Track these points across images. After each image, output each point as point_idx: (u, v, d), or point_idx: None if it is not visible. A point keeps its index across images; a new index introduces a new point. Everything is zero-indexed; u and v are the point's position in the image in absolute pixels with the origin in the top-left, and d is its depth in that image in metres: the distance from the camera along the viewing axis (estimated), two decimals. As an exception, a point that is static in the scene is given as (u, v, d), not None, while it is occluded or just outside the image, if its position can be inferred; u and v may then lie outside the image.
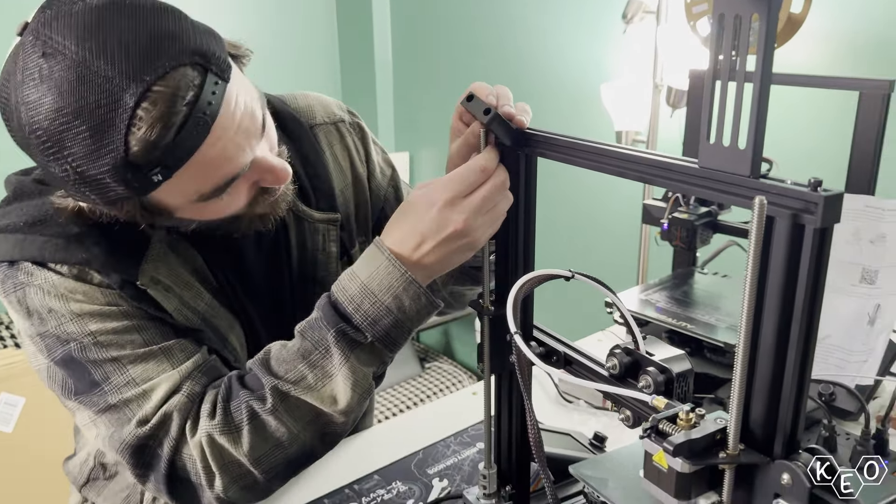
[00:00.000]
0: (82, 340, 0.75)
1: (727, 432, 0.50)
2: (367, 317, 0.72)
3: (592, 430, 1.04)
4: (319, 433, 0.76)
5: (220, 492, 0.75)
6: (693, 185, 0.52)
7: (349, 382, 0.73)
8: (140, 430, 0.74)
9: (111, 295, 0.77)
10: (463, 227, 0.70)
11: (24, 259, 0.76)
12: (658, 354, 0.64)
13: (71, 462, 1.01)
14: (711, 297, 1.31)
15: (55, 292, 0.75)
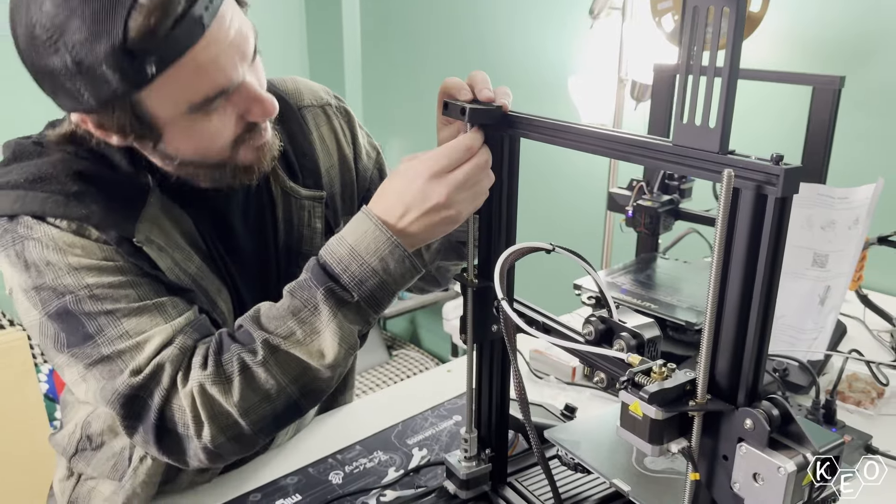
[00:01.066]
0: (78, 293, 0.77)
1: (696, 383, 0.56)
2: (354, 277, 0.75)
3: (562, 403, 1.10)
4: (306, 388, 0.79)
5: (208, 442, 0.77)
6: (667, 162, 0.57)
7: (336, 338, 0.76)
8: (133, 379, 0.76)
9: (108, 250, 0.80)
10: (445, 201, 0.74)
11: (24, 213, 0.78)
12: (629, 322, 0.69)
13: (58, 435, 1.02)
14: (673, 280, 1.38)
15: (54, 245, 0.77)
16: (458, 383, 1.26)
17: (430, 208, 0.74)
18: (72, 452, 0.98)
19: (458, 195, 0.74)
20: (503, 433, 0.87)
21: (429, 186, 0.74)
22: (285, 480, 0.98)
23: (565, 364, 1.25)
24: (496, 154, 0.75)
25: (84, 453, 0.98)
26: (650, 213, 1.38)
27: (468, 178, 0.74)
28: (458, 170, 0.74)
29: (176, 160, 0.81)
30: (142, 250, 0.81)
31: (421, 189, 0.74)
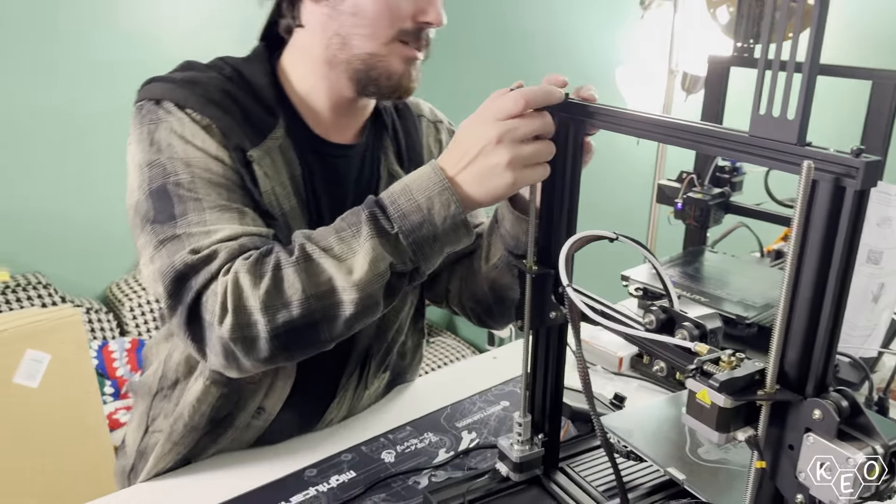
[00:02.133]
0: (181, 176, 0.85)
1: (765, 373, 0.57)
2: (399, 209, 0.78)
3: (608, 392, 1.11)
4: (327, 307, 0.79)
5: (226, 333, 0.78)
6: (742, 153, 0.58)
7: (368, 258, 0.77)
8: (189, 258, 0.81)
9: (223, 152, 0.89)
10: (496, 141, 0.74)
11: (169, 100, 0.90)
12: (690, 313, 0.70)
13: (141, 378, 1.09)
14: (721, 273, 1.38)
15: (181, 131, 0.88)
16: (504, 370, 1.27)
17: (483, 149, 0.76)
18: (155, 391, 1.03)
19: (512, 143, 0.74)
20: (556, 419, 0.88)
21: (483, 128, 0.76)
22: (340, 457, 1.01)
23: (612, 354, 1.25)
24: (560, 140, 0.76)
25: (162, 392, 1.03)
26: (700, 206, 1.38)
27: (524, 128, 0.74)
28: (517, 119, 0.74)
29: (352, 26, 0.91)
30: (251, 166, 0.90)
31: (476, 131, 0.76)
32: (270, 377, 0.98)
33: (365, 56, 0.93)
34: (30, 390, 1.77)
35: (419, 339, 1.23)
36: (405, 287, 0.84)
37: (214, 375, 0.96)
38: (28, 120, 2.56)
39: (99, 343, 2.54)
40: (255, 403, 0.99)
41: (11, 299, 2.49)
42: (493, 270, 1.04)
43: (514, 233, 0.96)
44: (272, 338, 0.79)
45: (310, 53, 0.96)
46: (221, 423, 1.00)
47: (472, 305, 1.12)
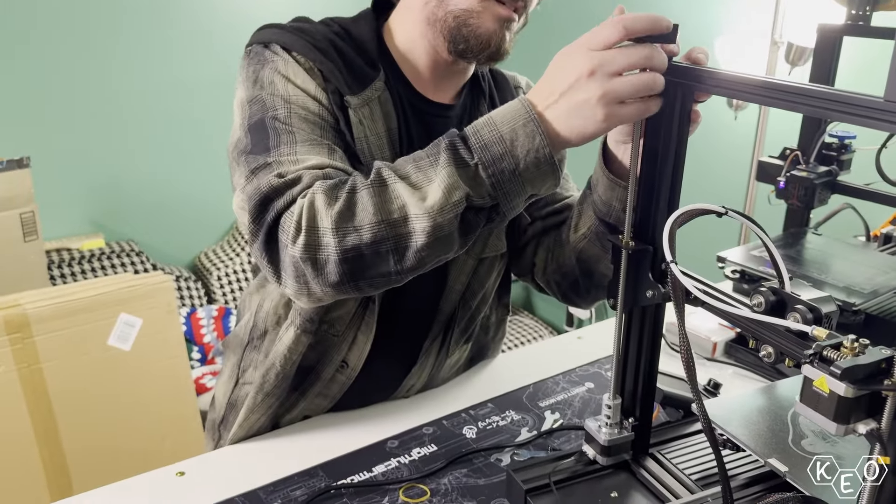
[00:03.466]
0: (279, 111, 0.87)
1: (893, 362, 0.52)
2: (480, 139, 0.74)
3: (702, 379, 1.06)
4: (398, 235, 0.76)
5: (298, 252, 0.77)
6: (876, 119, 0.52)
7: (443, 185, 0.74)
8: (275, 181, 0.81)
9: (322, 93, 0.91)
10: (589, 73, 0.69)
11: (277, 42, 0.92)
12: (802, 296, 0.65)
13: (233, 332, 1.12)
14: (825, 257, 1.30)
15: (284, 71, 0.90)
16: (588, 350, 1.24)
17: (574, 83, 0.70)
18: (246, 342, 1.06)
19: (608, 78, 0.68)
20: (649, 403, 0.85)
21: (576, 58, 0.70)
22: (421, 430, 1.00)
23: (706, 339, 1.20)
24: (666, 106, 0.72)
25: (252, 343, 1.05)
26: (805, 185, 1.30)
27: (624, 62, 0.68)
28: (614, 50, 0.69)
29: None
30: (347, 112, 0.92)
31: (568, 62, 0.71)
32: (354, 330, 0.99)
33: (459, 11, 0.92)
34: (122, 353, 1.84)
35: (503, 314, 1.21)
36: (483, 226, 0.79)
37: (304, 325, 0.97)
38: (125, 93, 2.65)
39: (187, 310, 2.62)
40: (340, 356, 1.00)
41: (106, 265, 2.60)
42: (581, 240, 1.00)
43: (606, 198, 0.92)
44: (341, 261, 0.76)
45: (412, 11, 0.97)
46: (309, 374, 1.01)
47: (558, 279, 1.09)
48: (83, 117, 2.59)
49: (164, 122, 2.72)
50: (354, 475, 0.91)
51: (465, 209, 0.75)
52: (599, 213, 0.94)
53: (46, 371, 1.73)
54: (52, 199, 2.45)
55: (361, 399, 1.06)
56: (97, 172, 2.68)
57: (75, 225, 2.68)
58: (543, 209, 1.11)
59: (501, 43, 0.94)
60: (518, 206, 0.78)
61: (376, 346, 1.01)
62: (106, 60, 2.59)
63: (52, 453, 1.74)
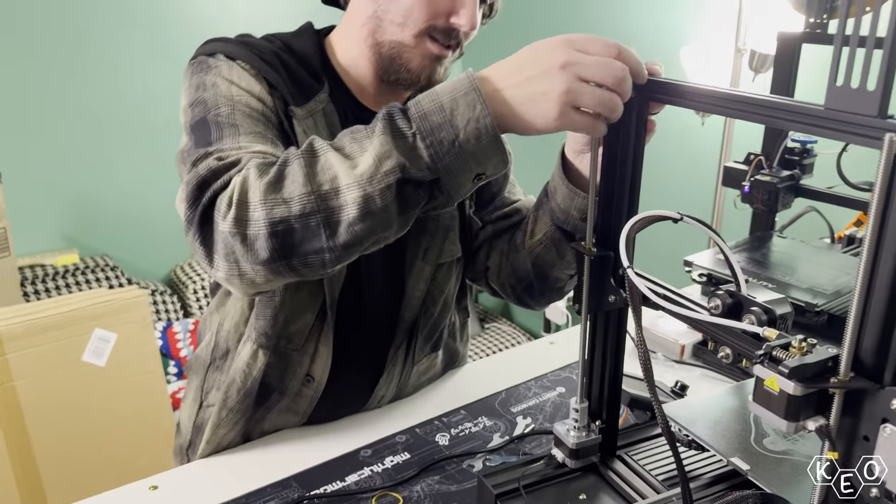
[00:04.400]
0: (221, 109, 0.87)
1: (839, 360, 0.54)
2: (420, 108, 0.70)
3: (670, 381, 1.08)
4: (329, 208, 0.71)
5: (227, 227, 0.73)
6: (818, 127, 0.54)
7: (374, 154, 0.70)
8: (214, 164, 0.78)
9: (266, 95, 0.92)
10: (560, 66, 0.66)
11: (222, 52, 0.94)
12: (758, 298, 0.67)
13: (195, 354, 1.11)
14: (790, 259, 1.33)
15: (228, 76, 0.91)
16: (560, 355, 1.25)
17: (542, 71, 0.67)
18: (208, 362, 1.06)
19: (576, 80, 0.66)
20: (615, 406, 0.86)
21: (554, 49, 0.68)
22: (394, 439, 1.01)
23: (674, 341, 1.22)
24: (625, 119, 0.73)
25: (214, 364, 1.05)
26: (769, 189, 1.32)
27: (598, 71, 0.67)
28: (594, 57, 0.67)
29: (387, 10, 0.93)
30: (292, 121, 0.93)
31: (543, 50, 0.69)
32: (314, 343, 1.00)
33: (392, 44, 0.95)
34: (97, 369, 1.83)
35: (464, 317, 1.23)
36: (425, 204, 0.74)
37: (260, 339, 0.98)
38: (99, 107, 2.64)
39: (163, 324, 2.61)
40: (303, 370, 1.01)
41: (81, 280, 2.58)
42: (537, 246, 1.02)
43: (565, 207, 0.94)
44: (270, 235, 0.72)
45: (353, 29, 0.99)
46: (273, 390, 1.01)
47: (512, 283, 1.11)
48: (56, 131, 2.57)
49: (137, 135, 2.71)
50: (327, 485, 0.92)
51: (403, 183, 0.70)
52: (557, 221, 0.96)
53: (20, 389, 1.71)
54: (24, 214, 2.43)
55: (332, 413, 1.06)
56: (70, 187, 2.67)
57: (49, 240, 2.66)
58: (493, 213, 1.13)
59: (432, 75, 0.95)
60: (463, 184, 0.72)
61: (340, 358, 1.02)
62: (79, 74, 2.58)
63: (25, 470, 1.72)
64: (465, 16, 0.92)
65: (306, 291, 0.98)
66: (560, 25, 2.66)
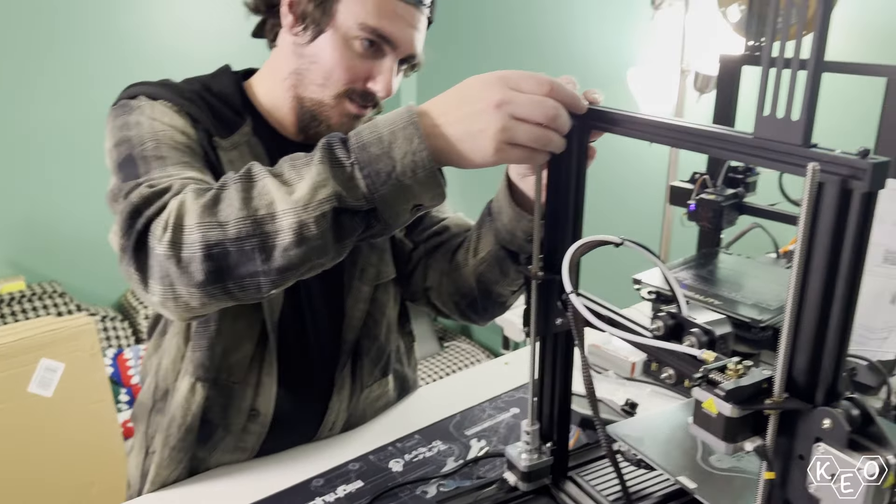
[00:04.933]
0: (146, 145, 0.87)
1: (773, 381, 0.55)
2: (360, 139, 0.71)
3: (620, 399, 1.09)
4: (264, 233, 0.71)
5: (162, 250, 0.72)
6: (747, 155, 0.56)
7: (311, 182, 0.70)
8: (146, 191, 0.77)
9: (191, 130, 0.94)
10: (495, 105, 0.68)
11: (143, 94, 0.95)
12: (699, 318, 0.68)
13: (137, 401, 1.09)
14: (736, 276, 1.36)
15: (151, 114, 0.92)
16: (515, 376, 1.26)
17: (477, 109, 0.69)
18: (150, 406, 1.04)
19: (510, 119, 0.68)
20: (565, 427, 0.87)
21: (489, 88, 0.69)
22: (347, 467, 1.00)
23: (624, 359, 1.24)
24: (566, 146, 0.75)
25: (156, 407, 1.03)
26: (713, 207, 1.35)
27: (531, 110, 0.68)
28: (527, 96, 0.69)
29: (309, 69, 0.98)
30: (218, 153, 0.95)
31: (479, 87, 0.70)
32: (256, 374, 0.99)
33: (314, 101, 0.99)
34: (44, 399, 1.77)
35: (410, 341, 1.24)
36: (362, 233, 0.74)
37: (198, 371, 0.96)
38: (44, 130, 2.58)
39: (114, 351, 2.55)
40: (247, 403, 0.99)
41: (27, 308, 2.51)
42: (480, 264, 1.03)
43: (511, 228, 0.95)
44: (205, 257, 0.71)
45: (276, 77, 1.02)
46: (216, 427, 1.00)
47: (456, 299, 1.11)
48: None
49: (83, 157, 2.65)
50: (279, 516, 0.91)
51: (340, 212, 0.71)
52: (502, 241, 0.97)
53: (-37, 422, 1.66)
54: (-33, 241, 2.36)
55: (282, 444, 1.05)
56: (16, 212, 2.60)
57: (-6, 268, 2.59)
58: (423, 233, 1.15)
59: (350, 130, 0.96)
60: (401, 214, 0.73)
61: (286, 388, 1.01)
62: (24, 96, 2.52)
63: (-31, 507, 1.66)
64: (381, 82, 0.97)
65: (244, 321, 0.97)
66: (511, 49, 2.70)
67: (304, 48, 0.98)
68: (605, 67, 2.28)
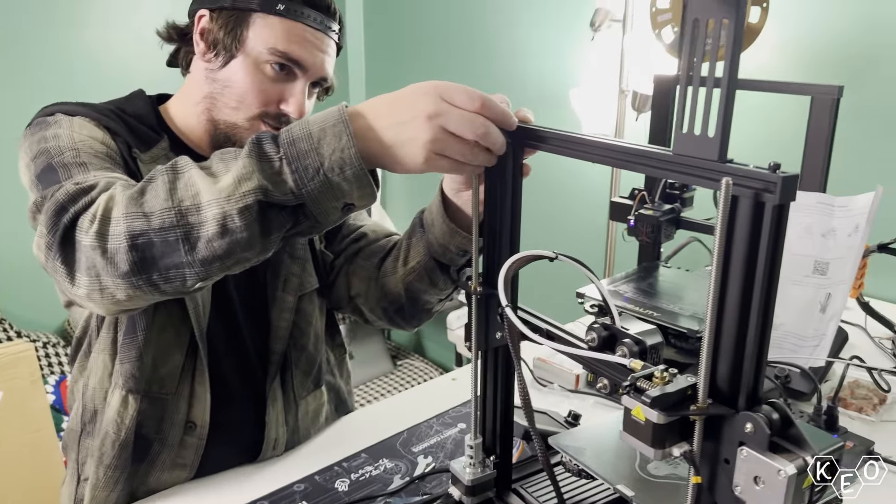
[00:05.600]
0: (65, 155, 0.87)
1: (697, 388, 0.57)
2: (290, 135, 0.72)
3: (566, 410, 1.11)
4: (188, 224, 0.71)
5: (89, 240, 0.72)
6: (667, 171, 0.58)
7: (236, 174, 0.71)
8: (72, 188, 0.77)
9: (111, 142, 0.95)
10: (427, 117, 0.69)
11: (60, 111, 0.96)
12: (632, 329, 0.70)
13: (66, 429, 1.07)
14: (675, 288, 1.39)
15: (69, 128, 0.92)
16: (463, 391, 1.27)
17: (410, 117, 0.70)
18: (79, 431, 1.02)
19: (441, 131, 0.70)
20: (507, 440, 0.88)
21: (424, 98, 0.71)
22: (292, 488, 0.99)
23: (569, 372, 1.26)
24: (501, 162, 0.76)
25: (86, 431, 1.02)
26: (651, 223, 1.39)
27: (462, 125, 0.70)
28: (459, 110, 0.70)
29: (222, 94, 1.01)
30: (137, 162, 0.96)
31: (415, 97, 0.71)
32: (188, 385, 0.99)
33: (228, 124, 1.02)
34: (-19, 428, 1.72)
35: (340, 353, 1.25)
36: (291, 229, 0.75)
37: (128, 383, 0.95)
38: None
39: (56, 378, 2.48)
40: (181, 415, 0.99)
41: (-36, 336, 2.43)
42: (410, 274, 1.05)
43: (444, 242, 0.98)
44: (130, 248, 0.71)
45: (190, 101, 1.05)
46: (152, 442, 0.98)
47: (384, 305, 1.13)
48: (-67, 179, 2.43)
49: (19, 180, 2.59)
50: (222, 540, 0.90)
51: (267, 206, 0.71)
52: (434, 254, 0.99)
53: None
54: None
55: (224, 463, 1.04)
56: (-49, 237, 2.52)
57: (-73, 294, 2.50)
58: (342, 241, 1.17)
59: None
60: (330, 212, 0.74)
61: (220, 399, 1.01)
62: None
63: None
64: (293, 104, 1.01)
65: (171, 331, 0.97)
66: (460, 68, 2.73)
67: (217, 73, 1.01)
68: (551, 87, 2.33)
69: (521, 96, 2.42)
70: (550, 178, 2.27)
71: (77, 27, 2.63)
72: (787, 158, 1.26)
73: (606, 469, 0.82)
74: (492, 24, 2.56)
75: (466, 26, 2.67)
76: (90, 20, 2.64)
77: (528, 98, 2.40)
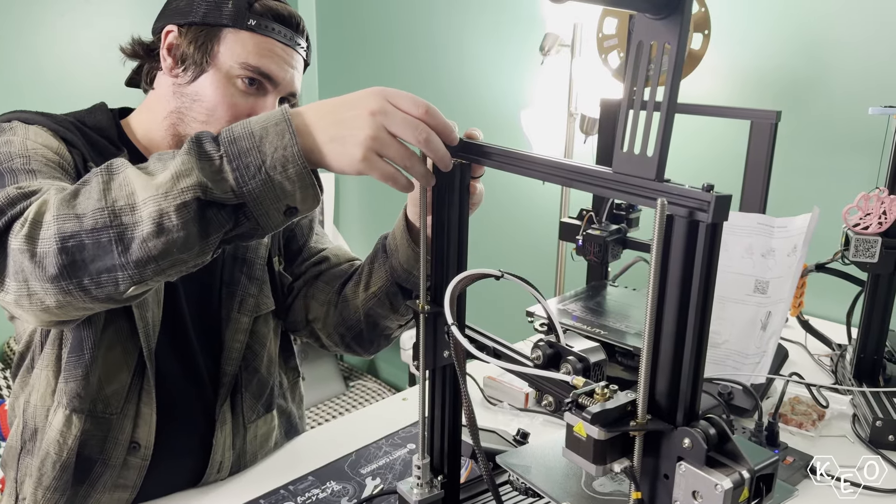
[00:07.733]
0: (15, 161, 0.85)
1: (636, 404, 0.58)
2: (231, 134, 0.71)
3: (515, 429, 1.11)
4: (122, 224, 0.69)
5: (18, 243, 0.70)
6: (608, 188, 0.60)
7: (174, 170, 0.69)
8: (13, 192, 0.74)
9: (66, 153, 0.93)
10: (370, 113, 0.70)
11: (18, 119, 0.94)
12: (576, 346, 0.71)
13: (5, 446, 1.03)
14: (621, 306, 1.42)
15: (23, 135, 0.90)
16: (413, 412, 1.26)
17: (353, 114, 0.70)
18: (19, 449, 0.99)
19: (382, 129, 0.70)
20: (455, 459, 0.88)
21: (368, 97, 0.71)
22: (236, 512, 0.97)
23: (518, 390, 1.26)
24: (449, 181, 0.77)
25: (25, 449, 0.98)
26: (598, 242, 1.41)
27: (404, 126, 0.70)
28: (403, 113, 0.71)
29: (191, 108, 1.00)
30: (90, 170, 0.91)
31: (359, 96, 0.72)
32: (134, 405, 0.96)
33: None
34: None
35: (294, 377, 1.23)
36: (231, 230, 0.72)
37: (73, 402, 0.93)
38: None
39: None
40: (126, 435, 0.96)
41: None
42: (371, 299, 1.05)
43: (408, 266, 0.98)
44: (60, 250, 0.69)
45: (155, 117, 1.03)
46: (94, 462, 0.96)
47: (342, 331, 1.13)
48: None
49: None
50: (162, 567, 0.87)
51: (206, 205, 0.69)
52: (398, 278, 0.98)
53: None
54: None
55: (167, 485, 1.02)
56: None
57: None
58: (303, 264, 1.17)
59: None
60: (271, 214, 0.71)
61: (166, 420, 0.99)
62: None
63: None
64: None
65: (119, 349, 0.95)
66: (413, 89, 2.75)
67: (185, 88, 1.00)
68: (502, 108, 2.36)
69: (472, 117, 2.44)
70: (504, 198, 2.29)
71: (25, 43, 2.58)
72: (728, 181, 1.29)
73: (553, 487, 0.82)
74: (444, 45, 2.59)
75: (417, 45, 2.70)
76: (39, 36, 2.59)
77: (479, 117, 2.43)
